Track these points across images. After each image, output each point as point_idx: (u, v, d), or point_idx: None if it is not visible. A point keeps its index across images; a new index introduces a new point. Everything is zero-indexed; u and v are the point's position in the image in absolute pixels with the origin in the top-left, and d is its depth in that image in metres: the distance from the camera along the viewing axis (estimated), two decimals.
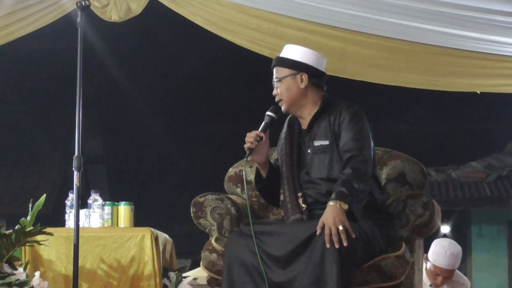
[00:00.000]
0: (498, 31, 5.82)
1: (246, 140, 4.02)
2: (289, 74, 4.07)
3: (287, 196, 4.02)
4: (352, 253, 3.70)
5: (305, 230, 3.76)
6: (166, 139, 19.49)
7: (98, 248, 4.77)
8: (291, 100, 4.06)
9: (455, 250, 5.58)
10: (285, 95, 4.07)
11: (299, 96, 4.07)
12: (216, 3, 6.22)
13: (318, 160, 4.00)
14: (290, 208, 3.99)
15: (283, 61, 4.10)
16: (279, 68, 4.10)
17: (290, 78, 4.06)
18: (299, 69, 4.07)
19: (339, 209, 3.73)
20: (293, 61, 4.07)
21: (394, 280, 3.89)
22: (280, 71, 4.09)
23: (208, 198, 4.36)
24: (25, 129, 17.32)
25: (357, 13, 5.96)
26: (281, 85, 4.07)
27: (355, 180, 3.83)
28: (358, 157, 3.90)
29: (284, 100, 4.08)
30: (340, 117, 4.01)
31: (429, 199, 4.12)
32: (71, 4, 6.18)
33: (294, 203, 3.98)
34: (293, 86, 4.06)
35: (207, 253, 4.14)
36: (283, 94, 4.07)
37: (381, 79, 6.18)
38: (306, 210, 3.95)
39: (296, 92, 4.06)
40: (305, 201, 3.97)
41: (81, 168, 4.36)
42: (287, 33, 6.16)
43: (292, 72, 4.07)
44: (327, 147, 3.99)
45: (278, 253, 3.77)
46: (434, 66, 6.12)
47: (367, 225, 3.85)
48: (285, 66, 4.09)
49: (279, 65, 4.11)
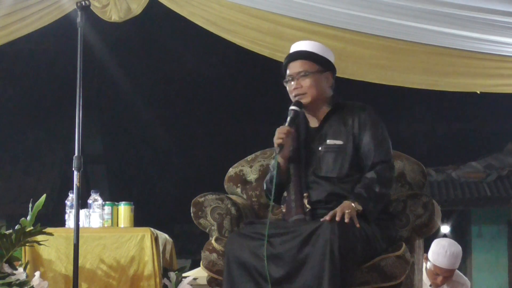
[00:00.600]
0: (498, 31, 5.82)
1: (276, 136, 3.94)
2: (317, 70, 4.04)
3: (292, 194, 4.00)
4: (352, 253, 3.70)
5: (306, 229, 3.76)
6: (166, 139, 19.50)
7: (98, 248, 4.77)
8: (317, 95, 4.03)
9: (455, 250, 5.59)
10: (312, 90, 4.02)
11: (324, 93, 4.05)
12: (216, 3, 6.22)
13: (330, 158, 3.97)
14: (294, 207, 3.97)
15: (313, 56, 4.06)
16: (307, 62, 4.05)
17: (318, 74, 4.04)
18: (326, 67, 4.06)
19: (352, 206, 3.76)
20: (322, 58, 4.06)
21: (394, 280, 3.89)
22: (308, 65, 4.04)
23: (208, 198, 4.35)
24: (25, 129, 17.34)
25: (357, 13, 5.96)
26: (307, 79, 4.02)
27: (378, 185, 3.86)
28: (385, 163, 3.93)
29: (309, 93, 4.02)
30: (360, 119, 4.00)
31: (429, 199, 4.12)
32: (71, 4, 6.18)
33: (299, 202, 3.97)
34: (321, 82, 4.04)
35: (207, 253, 4.13)
36: (308, 88, 4.02)
37: (381, 79, 6.18)
38: (309, 211, 3.94)
39: (322, 89, 4.04)
40: (309, 201, 3.96)
41: (81, 168, 4.36)
42: (287, 33, 6.16)
43: (320, 68, 4.05)
44: (341, 147, 3.98)
45: (278, 252, 3.77)
46: (434, 66, 6.12)
47: (368, 226, 3.85)
48: (314, 61, 4.05)
49: (308, 59, 4.05)
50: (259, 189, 4.59)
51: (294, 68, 4.07)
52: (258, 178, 4.62)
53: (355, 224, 3.71)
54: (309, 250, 3.70)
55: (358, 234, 3.75)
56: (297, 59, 4.08)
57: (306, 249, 3.71)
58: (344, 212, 3.71)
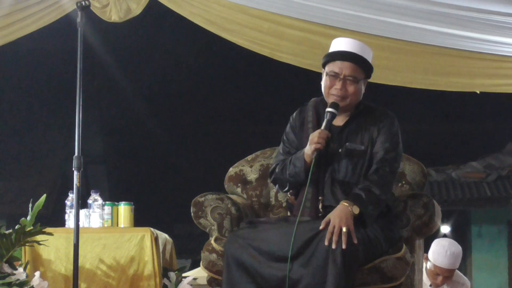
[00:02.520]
0: (498, 31, 5.82)
1: (316, 141, 3.85)
2: (363, 78, 4.00)
3: (309, 192, 3.93)
4: (355, 256, 3.69)
5: (309, 230, 3.75)
6: (166, 139, 19.50)
7: (98, 248, 4.76)
8: (354, 102, 3.99)
9: (455, 250, 5.59)
10: (354, 97, 3.97)
11: (359, 99, 4.02)
12: (216, 3, 6.22)
13: (348, 163, 3.93)
14: (309, 207, 3.92)
15: (365, 64, 4.01)
16: (358, 68, 3.98)
17: (362, 81, 4.01)
18: (367, 75, 4.03)
19: (348, 212, 3.71)
20: (370, 67, 4.03)
21: (394, 281, 3.89)
22: (358, 72, 3.97)
23: (208, 198, 4.35)
24: (25, 129, 17.34)
25: (357, 13, 5.96)
26: (354, 85, 3.96)
27: (378, 188, 3.82)
28: (389, 168, 3.89)
29: (348, 99, 3.96)
30: (380, 124, 3.97)
31: (429, 199, 4.12)
32: (71, 4, 6.18)
33: (314, 205, 3.92)
34: (361, 90, 4.01)
35: (206, 253, 4.13)
36: (352, 94, 3.96)
37: (381, 79, 6.17)
38: (322, 216, 3.86)
39: (361, 96, 4.01)
40: (323, 206, 3.91)
41: (81, 168, 4.36)
42: (287, 33, 6.16)
43: (364, 75, 4.01)
44: (361, 153, 3.93)
45: (281, 252, 3.76)
46: (434, 66, 6.12)
47: (370, 228, 3.83)
48: (363, 69, 4.00)
49: (360, 65, 3.99)
50: (259, 189, 4.59)
51: (344, 68, 3.97)
52: (258, 178, 4.62)
53: (353, 240, 3.65)
54: (312, 253, 3.69)
55: (360, 236, 3.74)
56: (350, 60, 3.98)
57: (309, 252, 3.70)
58: (340, 226, 3.65)
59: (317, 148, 3.85)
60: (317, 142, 3.84)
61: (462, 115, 18.59)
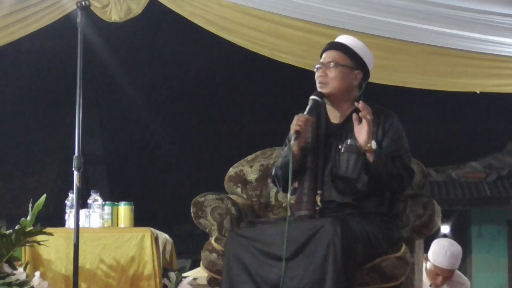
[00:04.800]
0: (498, 31, 5.82)
1: (294, 123, 3.89)
2: (348, 65, 4.03)
3: (305, 188, 3.96)
4: (354, 254, 3.70)
5: (307, 229, 3.75)
6: (166, 139, 19.50)
7: (98, 248, 4.77)
8: (337, 89, 4.01)
9: (455, 250, 5.58)
10: (334, 82, 4.00)
11: (346, 90, 4.03)
12: (216, 3, 6.22)
13: (349, 159, 3.93)
14: (306, 202, 3.94)
15: (348, 50, 4.05)
16: (340, 54, 4.04)
17: (348, 70, 4.02)
18: (358, 65, 4.05)
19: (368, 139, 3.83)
20: (358, 55, 4.05)
21: (394, 281, 3.89)
22: (340, 56, 4.03)
23: (208, 198, 4.35)
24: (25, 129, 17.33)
25: (357, 13, 5.96)
26: (335, 70, 4.00)
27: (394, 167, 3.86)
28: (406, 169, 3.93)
29: (330, 85, 4.00)
30: (385, 124, 3.99)
31: (429, 199, 4.12)
32: (71, 4, 6.18)
33: (311, 199, 3.94)
34: (347, 78, 4.02)
35: (207, 253, 4.13)
36: (332, 79, 4.00)
37: (381, 79, 6.17)
38: (319, 209, 3.91)
39: (346, 85, 4.02)
40: (322, 200, 3.93)
41: (81, 168, 4.36)
42: (287, 33, 6.16)
43: (351, 64, 4.03)
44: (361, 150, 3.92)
45: (280, 252, 3.76)
46: (434, 66, 6.12)
47: (369, 227, 3.83)
48: (348, 55, 4.05)
49: (342, 51, 4.05)
50: (259, 189, 4.59)
51: (326, 57, 4.06)
52: (258, 178, 4.62)
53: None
54: (311, 251, 3.69)
55: (359, 235, 3.74)
56: (331, 49, 4.07)
57: (308, 251, 3.70)
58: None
59: (295, 130, 3.87)
60: (296, 124, 3.87)
61: (462, 115, 18.59)
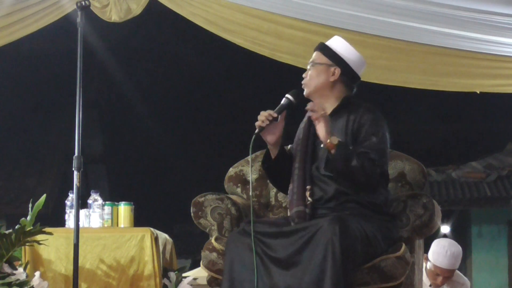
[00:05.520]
0: (498, 31, 5.82)
1: (258, 118, 4.00)
2: (324, 62, 4.10)
3: (295, 186, 4.00)
4: (353, 253, 3.70)
5: (307, 231, 3.76)
6: (166, 139, 19.50)
7: (98, 248, 4.77)
8: (315, 87, 4.08)
9: (456, 250, 5.59)
10: (311, 81, 4.09)
11: (324, 86, 4.08)
12: (216, 3, 6.22)
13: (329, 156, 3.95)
14: (296, 199, 3.98)
15: (325, 49, 4.14)
16: (318, 53, 4.14)
17: (324, 67, 4.09)
18: (335, 62, 4.10)
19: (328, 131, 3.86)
20: (333, 52, 4.11)
21: (394, 280, 3.89)
22: (319, 56, 4.13)
23: (208, 198, 4.35)
24: (25, 129, 17.34)
25: (357, 13, 5.96)
26: (313, 70, 4.10)
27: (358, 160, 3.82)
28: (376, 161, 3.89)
29: (308, 85, 4.10)
30: (361, 119, 3.99)
31: (429, 199, 4.12)
32: (71, 5, 6.18)
33: (301, 195, 3.97)
34: (323, 76, 4.08)
35: (207, 252, 4.14)
36: (310, 79, 4.10)
37: (381, 79, 6.18)
38: (310, 204, 3.93)
39: (322, 82, 4.08)
40: (312, 195, 3.96)
41: (81, 168, 4.36)
42: (287, 33, 6.16)
43: (328, 62, 4.10)
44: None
45: (280, 255, 3.77)
46: (434, 66, 6.12)
47: (368, 227, 3.84)
48: (324, 54, 4.12)
49: (320, 51, 4.14)
50: (259, 189, 4.59)
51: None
52: (258, 178, 4.62)
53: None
54: (310, 252, 3.70)
55: (358, 234, 3.75)
56: (315, 50, 4.18)
57: (307, 251, 3.71)
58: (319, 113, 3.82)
59: (256, 124, 4.00)
60: (259, 119, 4.00)
61: (462, 115, 18.60)
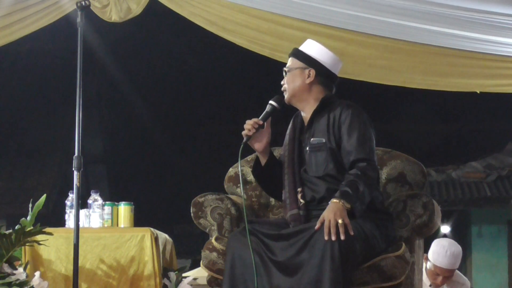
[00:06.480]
0: (498, 31, 5.82)
1: (244, 127, 4.06)
2: (298, 66, 4.13)
3: (287, 191, 4.05)
4: (352, 253, 3.71)
5: (306, 233, 3.77)
6: (166, 139, 19.50)
7: (98, 248, 4.77)
8: (293, 91, 4.12)
9: (456, 250, 5.59)
10: (289, 86, 4.13)
11: (302, 90, 4.11)
12: (216, 3, 6.22)
13: (315, 158, 4.00)
14: (289, 203, 4.01)
15: (297, 53, 4.18)
16: (292, 59, 4.18)
17: (298, 71, 4.12)
18: (309, 64, 4.12)
19: (341, 206, 3.75)
20: (306, 55, 4.14)
21: (394, 280, 3.89)
22: (292, 62, 4.17)
23: (208, 198, 4.35)
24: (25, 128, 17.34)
25: (357, 13, 5.96)
26: (289, 76, 4.14)
27: (361, 182, 3.83)
28: (366, 161, 3.90)
29: (287, 91, 4.14)
30: (341, 117, 4.01)
31: (429, 199, 4.12)
32: (71, 4, 6.18)
33: (293, 198, 4.00)
34: (299, 79, 4.11)
35: (207, 252, 4.14)
36: (288, 84, 4.14)
37: (381, 79, 6.18)
38: (303, 205, 3.95)
39: (299, 85, 4.11)
40: (303, 197, 3.98)
41: (81, 168, 4.36)
42: (287, 33, 6.16)
43: (302, 65, 4.13)
44: (323, 145, 3.99)
45: (279, 259, 3.78)
46: (434, 66, 6.12)
47: (366, 225, 3.85)
48: (297, 58, 4.16)
49: (293, 56, 4.19)
50: (259, 189, 4.58)
51: None
52: None
53: (349, 232, 3.70)
54: (308, 253, 3.70)
55: (356, 233, 3.75)
56: (289, 56, 4.22)
57: (305, 252, 3.71)
58: (335, 220, 3.69)
59: (243, 133, 4.06)
60: (245, 128, 4.06)
61: (462, 115, 18.61)
